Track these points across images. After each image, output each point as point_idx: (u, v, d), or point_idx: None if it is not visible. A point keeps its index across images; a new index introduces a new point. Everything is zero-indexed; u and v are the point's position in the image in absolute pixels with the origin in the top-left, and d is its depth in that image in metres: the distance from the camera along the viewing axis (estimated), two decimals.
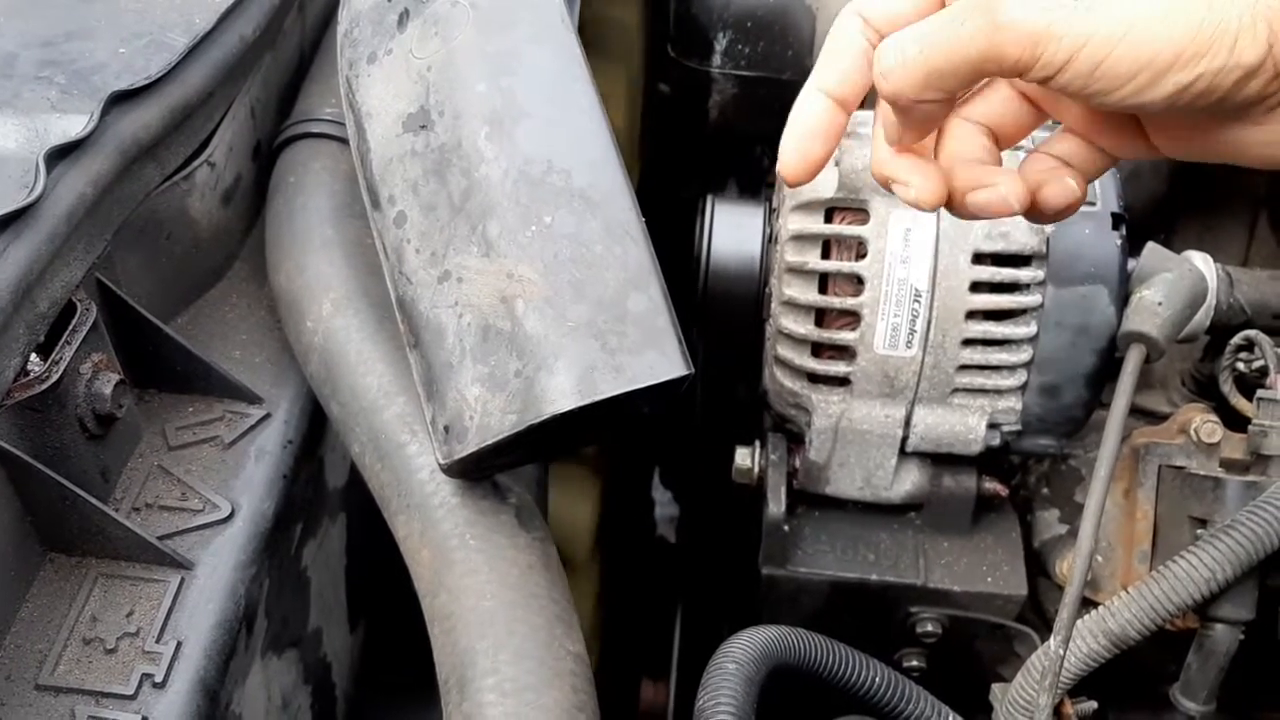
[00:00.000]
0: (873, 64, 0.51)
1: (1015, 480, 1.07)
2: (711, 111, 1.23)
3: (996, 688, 0.84)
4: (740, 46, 1.17)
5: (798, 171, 0.56)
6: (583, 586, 1.42)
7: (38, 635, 0.65)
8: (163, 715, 0.62)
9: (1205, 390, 1.06)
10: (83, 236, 0.68)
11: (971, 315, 0.89)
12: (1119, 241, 0.88)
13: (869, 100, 0.56)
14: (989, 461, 0.99)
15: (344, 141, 0.83)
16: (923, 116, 0.53)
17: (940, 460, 0.98)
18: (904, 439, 0.95)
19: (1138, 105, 0.47)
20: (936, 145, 0.56)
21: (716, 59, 1.18)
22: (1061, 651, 0.72)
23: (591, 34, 1.31)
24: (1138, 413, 1.07)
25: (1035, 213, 0.55)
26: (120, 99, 0.72)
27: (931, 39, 0.48)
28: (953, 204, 0.55)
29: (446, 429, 0.64)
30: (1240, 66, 0.45)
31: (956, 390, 0.92)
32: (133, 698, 0.63)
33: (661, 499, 1.83)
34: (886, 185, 0.55)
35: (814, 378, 0.94)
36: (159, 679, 0.63)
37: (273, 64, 0.89)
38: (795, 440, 1.00)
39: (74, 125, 0.70)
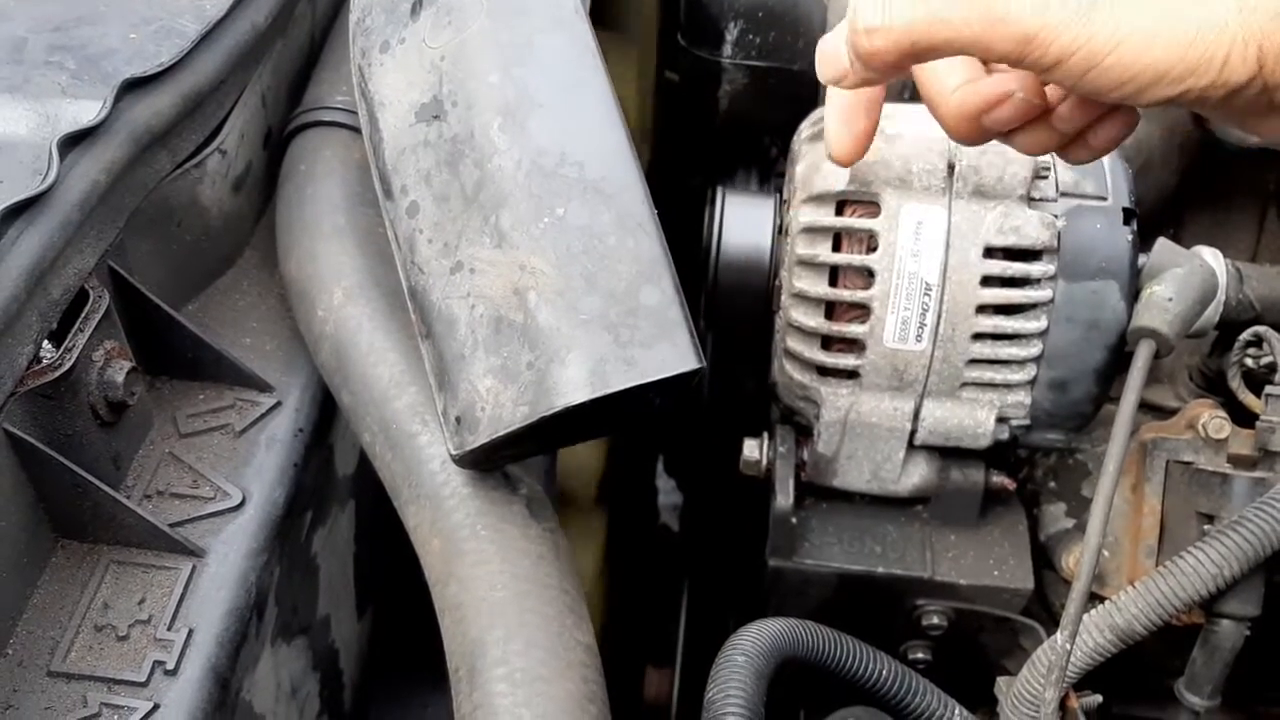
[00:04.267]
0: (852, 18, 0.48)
1: (1022, 474, 1.07)
2: (722, 101, 1.23)
3: (1002, 681, 0.84)
4: (751, 36, 1.17)
5: (846, 148, 0.54)
6: (588, 581, 1.42)
7: (50, 622, 0.65)
8: (174, 702, 0.63)
9: (1213, 385, 1.06)
10: (95, 224, 0.68)
11: (982, 309, 0.88)
12: (1130, 237, 0.88)
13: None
14: (996, 455, 0.99)
15: (354, 130, 0.83)
16: (868, 99, 0.52)
17: (948, 454, 0.98)
18: (912, 432, 0.95)
19: (1124, 102, 0.47)
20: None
21: (727, 48, 1.18)
22: (1068, 646, 0.72)
23: (602, 22, 1.30)
24: (1145, 407, 1.07)
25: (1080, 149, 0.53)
26: (133, 86, 0.71)
27: (922, 10, 0.46)
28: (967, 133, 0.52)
29: (458, 420, 0.64)
30: (1226, 86, 0.44)
31: (965, 384, 0.92)
32: (144, 685, 0.63)
33: (665, 487, 1.83)
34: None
35: (823, 370, 0.94)
36: (170, 666, 0.64)
37: (283, 51, 0.88)
38: (803, 432, 1.00)
39: (84, 111, 0.70)
